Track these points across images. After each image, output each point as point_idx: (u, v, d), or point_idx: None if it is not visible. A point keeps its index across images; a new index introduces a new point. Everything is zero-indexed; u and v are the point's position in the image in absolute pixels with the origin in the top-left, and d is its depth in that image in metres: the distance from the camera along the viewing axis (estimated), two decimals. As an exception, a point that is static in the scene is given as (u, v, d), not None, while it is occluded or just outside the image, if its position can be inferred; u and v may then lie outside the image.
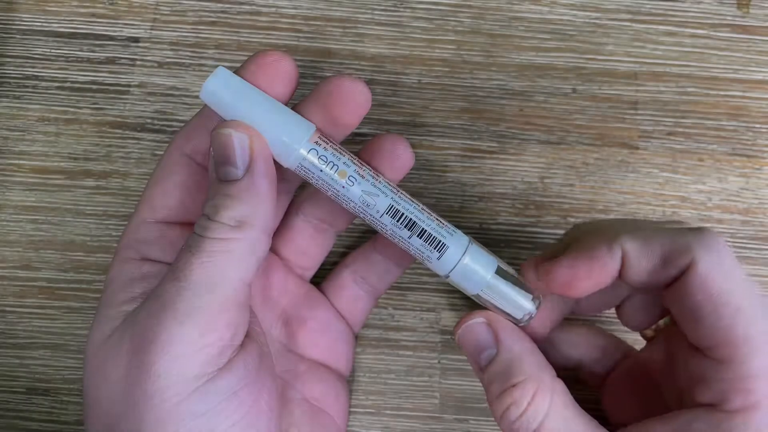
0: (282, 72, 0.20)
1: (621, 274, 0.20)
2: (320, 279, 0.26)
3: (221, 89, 0.19)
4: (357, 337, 0.27)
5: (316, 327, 0.25)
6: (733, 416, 0.18)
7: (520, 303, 0.21)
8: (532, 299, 0.21)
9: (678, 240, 0.20)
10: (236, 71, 0.20)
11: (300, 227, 0.25)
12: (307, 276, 0.26)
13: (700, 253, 0.20)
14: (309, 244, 0.25)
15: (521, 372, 0.20)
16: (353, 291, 0.26)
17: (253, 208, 0.19)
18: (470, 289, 0.21)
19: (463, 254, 0.21)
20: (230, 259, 0.18)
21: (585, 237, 0.21)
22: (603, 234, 0.21)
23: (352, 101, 0.20)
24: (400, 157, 0.22)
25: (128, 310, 0.19)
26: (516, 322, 0.22)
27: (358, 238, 0.28)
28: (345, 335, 0.25)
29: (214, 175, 0.19)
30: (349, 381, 0.26)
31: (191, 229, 0.21)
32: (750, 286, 0.20)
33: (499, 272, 0.21)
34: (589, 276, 0.20)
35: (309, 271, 0.26)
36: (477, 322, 0.22)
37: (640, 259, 0.20)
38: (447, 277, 0.21)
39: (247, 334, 0.20)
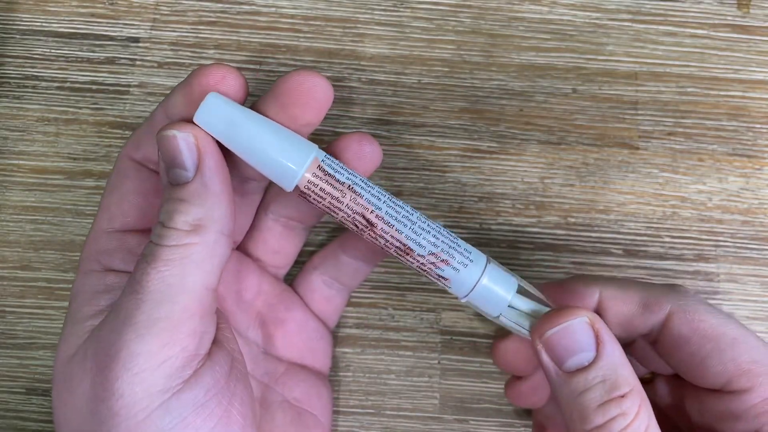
0: (230, 90, 0.19)
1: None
2: (292, 276, 0.26)
3: (213, 118, 0.18)
4: (356, 338, 0.27)
5: (293, 328, 0.24)
6: None
7: None
8: None
9: (654, 289, 0.21)
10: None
11: (269, 226, 0.24)
12: (281, 274, 0.26)
13: (678, 298, 0.21)
14: (281, 243, 0.25)
15: (627, 382, 0.19)
16: (325, 292, 0.25)
17: (207, 210, 0.18)
18: (490, 312, 0.20)
19: (481, 274, 0.20)
20: (188, 266, 0.18)
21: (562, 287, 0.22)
22: (579, 279, 0.22)
23: (312, 98, 0.19)
24: (365, 156, 0.21)
25: (94, 324, 0.19)
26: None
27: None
28: (321, 333, 0.25)
29: (166, 179, 0.19)
30: (348, 381, 0.26)
31: (150, 236, 0.21)
32: (732, 317, 0.20)
33: (521, 291, 0.20)
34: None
35: (283, 270, 0.26)
36: (580, 321, 0.19)
37: (618, 303, 0.20)
38: (464, 299, 0.20)
39: (215, 341, 0.19)
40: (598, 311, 0.21)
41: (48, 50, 0.29)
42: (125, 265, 0.20)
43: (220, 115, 0.18)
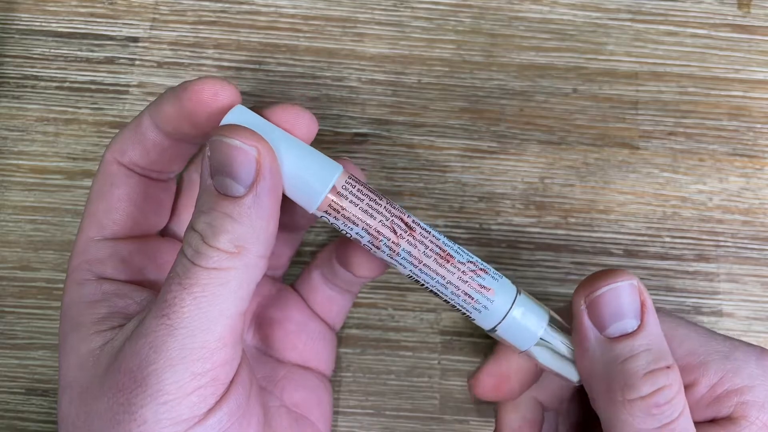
0: (224, 106, 0.18)
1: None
2: (294, 277, 0.26)
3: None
4: (356, 338, 0.27)
5: (292, 328, 0.24)
6: (735, 420, 0.19)
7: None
8: None
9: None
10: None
11: None
12: (277, 275, 0.25)
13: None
14: (275, 244, 0.24)
15: (670, 355, 0.18)
16: (326, 292, 0.24)
17: (254, 232, 0.17)
18: (519, 345, 0.19)
19: (512, 305, 0.19)
20: (227, 293, 0.17)
21: None
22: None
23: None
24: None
25: (100, 330, 0.18)
26: (573, 383, 0.20)
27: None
28: (324, 334, 0.24)
29: (210, 183, 0.17)
30: (348, 382, 0.26)
31: (142, 242, 0.20)
32: (661, 313, 0.20)
33: (553, 323, 0.19)
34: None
35: (278, 270, 0.25)
36: (629, 283, 0.18)
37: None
38: (493, 331, 0.19)
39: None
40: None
41: (47, 50, 0.29)
42: (117, 273, 0.20)
43: (248, 125, 0.18)
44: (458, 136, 0.29)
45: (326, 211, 0.18)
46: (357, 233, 0.19)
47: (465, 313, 0.19)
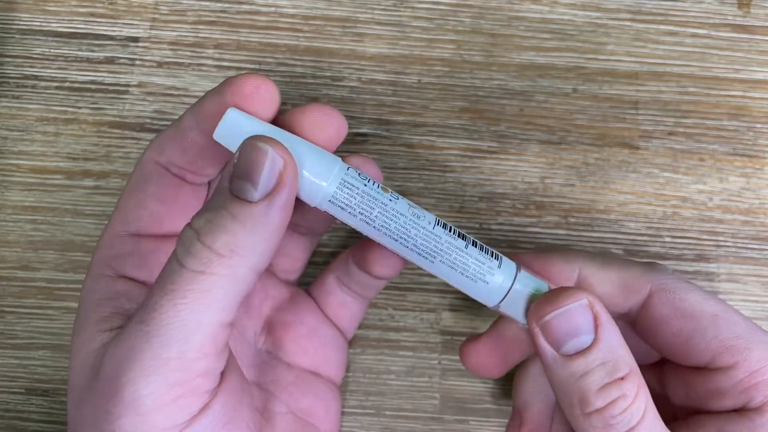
0: (264, 100, 0.18)
1: None
2: (312, 280, 0.26)
3: (234, 136, 0.18)
4: (356, 338, 0.27)
5: (304, 332, 0.24)
6: (763, 412, 0.19)
7: None
8: None
9: (634, 268, 0.21)
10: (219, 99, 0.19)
11: None
12: (292, 279, 0.25)
13: (658, 277, 0.20)
14: (287, 246, 0.24)
15: (627, 363, 0.18)
16: (340, 297, 0.24)
17: (254, 241, 0.16)
18: (522, 320, 0.20)
19: (513, 281, 0.19)
20: (209, 301, 0.16)
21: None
22: (559, 254, 0.21)
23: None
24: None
25: (102, 330, 0.18)
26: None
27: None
28: (335, 341, 0.24)
29: (226, 186, 0.17)
30: (348, 382, 0.26)
31: (167, 242, 0.20)
32: (713, 295, 0.20)
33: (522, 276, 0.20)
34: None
35: (293, 274, 0.25)
36: (579, 304, 0.19)
37: (598, 282, 0.20)
38: (497, 307, 0.20)
39: (225, 368, 0.18)
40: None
41: (47, 50, 0.29)
42: (137, 272, 0.20)
43: (241, 132, 0.18)
44: (458, 136, 0.29)
45: (330, 202, 0.19)
46: (359, 225, 0.19)
47: (469, 293, 0.20)
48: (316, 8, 0.30)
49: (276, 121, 0.19)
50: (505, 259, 0.20)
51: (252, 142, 0.17)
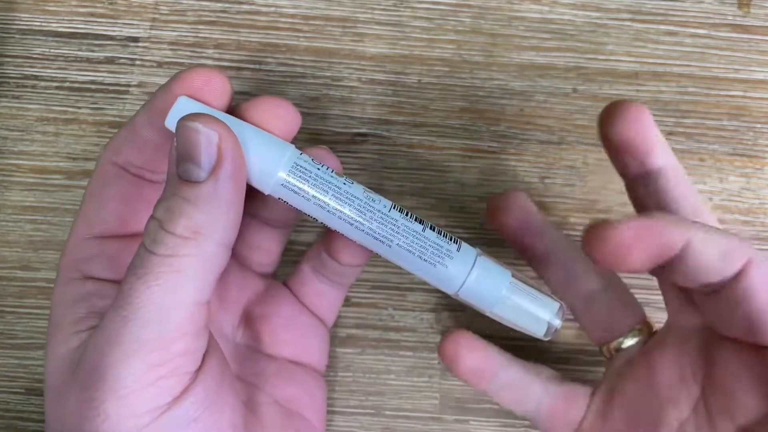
0: (215, 92, 0.19)
1: (672, 265, 0.18)
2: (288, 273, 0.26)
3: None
4: (356, 338, 0.27)
5: (282, 323, 0.24)
6: None
7: (541, 316, 0.20)
8: (557, 311, 0.20)
9: (733, 238, 0.19)
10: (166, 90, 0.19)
11: (245, 222, 0.23)
12: (267, 272, 0.25)
13: (753, 249, 0.19)
14: (259, 239, 0.24)
15: None
16: (316, 286, 0.24)
17: (213, 218, 0.17)
18: (484, 305, 0.20)
19: (473, 266, 0.19)
20: (182, 281, 0.16)
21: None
22: (670, 220, 0.19)
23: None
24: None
25: (78, 329, 0.18)
26: (539, 337, 0.20)
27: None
28: (315, 329, 0.24)
29: (174, 171, 0.17)
30: (348, 382, 0.26)
31: (133, 242, 0.20)
32: None
33: (515, 283, 0.20)
34: (657, 240, 0.18)
35: (268, 267, 0.25)
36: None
37: (704, 247, 0.18)
38: (456, 294, 0.20)
39: (206, 350, 0.18)
40: (680, 254, 0.18)
41: (47, 50, 0.29)
42: (105, 272, 0.20)
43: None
44: (458, 136, 0.29)
45: (283, 186, 0.18)
46: (312, 210, 0.19)
47: (429, 279, 0.20)
48: (316, 8, 0.30)
49: (229, 113, 0.19)
50: (464, 244, 0.20)
51: (183, 123, 0.17)
